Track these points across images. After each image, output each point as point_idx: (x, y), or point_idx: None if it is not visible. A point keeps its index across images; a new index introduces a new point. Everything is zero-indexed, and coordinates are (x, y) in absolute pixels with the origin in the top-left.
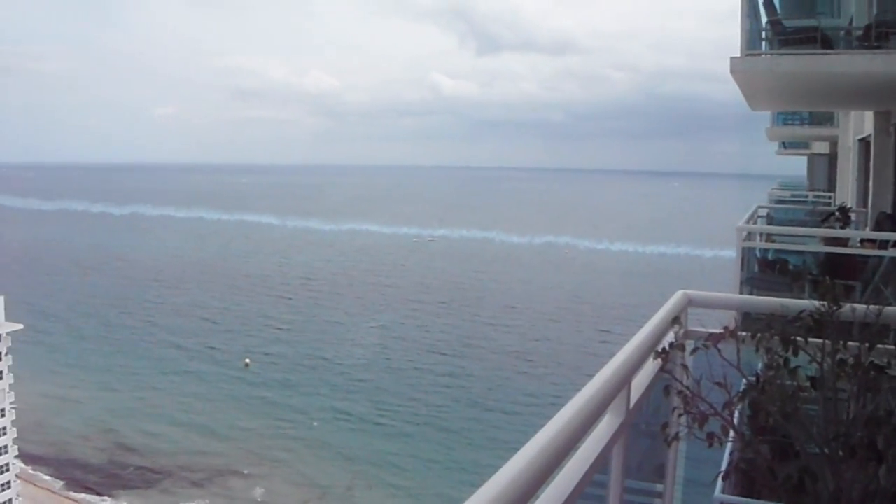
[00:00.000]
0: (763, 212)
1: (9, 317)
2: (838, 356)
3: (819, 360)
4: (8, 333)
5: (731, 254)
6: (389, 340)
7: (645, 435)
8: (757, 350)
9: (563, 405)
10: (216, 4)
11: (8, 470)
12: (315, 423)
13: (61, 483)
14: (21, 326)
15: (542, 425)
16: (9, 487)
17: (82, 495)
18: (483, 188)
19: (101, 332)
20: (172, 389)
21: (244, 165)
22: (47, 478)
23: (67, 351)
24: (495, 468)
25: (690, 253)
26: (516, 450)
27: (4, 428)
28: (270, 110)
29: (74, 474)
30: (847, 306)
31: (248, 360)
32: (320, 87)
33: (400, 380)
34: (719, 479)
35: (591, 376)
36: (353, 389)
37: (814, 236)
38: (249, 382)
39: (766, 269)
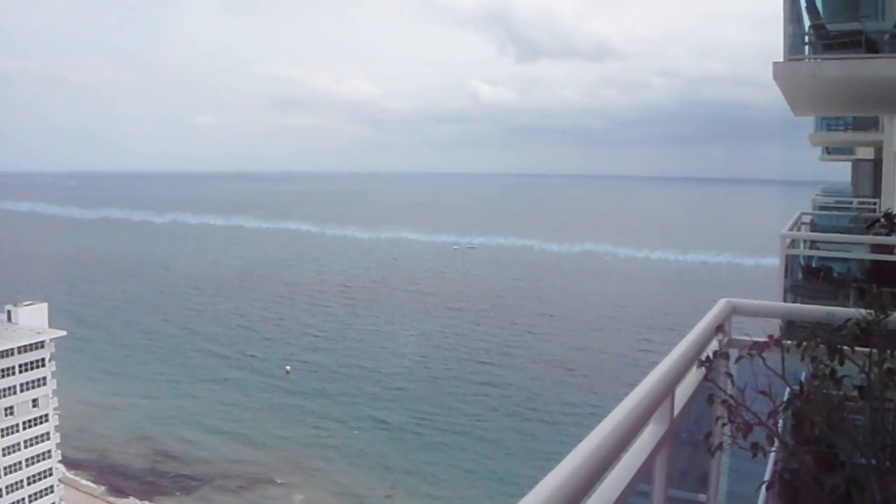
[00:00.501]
0: (807, 219)
1: (51, 324)
2: (886, 365)
3: (866, 369)
4: (51, 339)
5: (774, 262)
6: (428, 349)
7: (687, 444)
8: (802, 359)
9: (603, 415)
10: (255, 14)
11: (51, 474)
12: (353, 432)
13: (102, 488)
14: (64, 333)
15: (582, 435)
16: (52, 491)
17: (123, 501)
18: (522, 195)
19: (141, 339)
20: (211, 397)
21: (285, 173)
22: (89, 483)
23: (107, 358)
24: (534, 479)
25: (732, 261)
26: (555, 461)
27: (48, 433)
28: (310, 118)
29: (115, 480)
30: (894, 315)
31: (288, 368)
32: (360, 95)
33: (438, 389)
34: (763, 489)
35: (631, 386)
36: (391, 398)
37: (859, 243)
38: (287, 391)
39: (810, 277)
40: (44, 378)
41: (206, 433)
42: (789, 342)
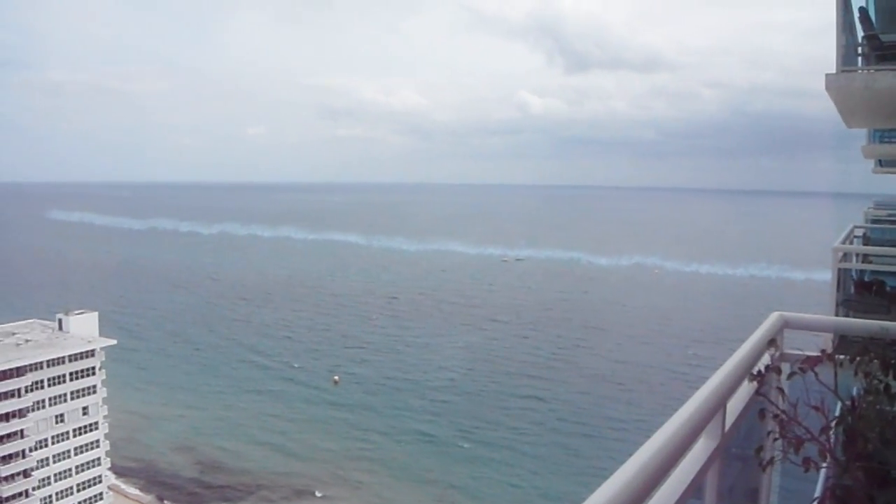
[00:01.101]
0: (859, 232)
1: (99, 333)
2: None
3: None
4: (101, 348)
5: (825, 276)
6: (474, 362)
7: (738, 459)
8: (855, 374)
9: (650, 430)
10: (306, 25)
11: (101, 482)
12: (397, 445)
13: (150, 497)
14: (114, 342)
15: (629, 452)
16: (101, 499)
17: None
18: (571, 207)
19: (187, 349)
20: (256, 408)
21: (334, 184)
22: (137, 491)
23: (153, 368)
24: (579, 496)
25: (782, 275)
26: (601, 477)
27: (97, 441)
28: (360, 129)
29: (161, 489)
30: None
31: (336, 378)
32: (409, 106)
33: (484, 402)
34: None
35: (679, 401)
36: (436, 411)
37: None
38: (332, 403)
39: (863, 291)
40: (94, 386)
41: (251, 444)
42: (842, 357)
